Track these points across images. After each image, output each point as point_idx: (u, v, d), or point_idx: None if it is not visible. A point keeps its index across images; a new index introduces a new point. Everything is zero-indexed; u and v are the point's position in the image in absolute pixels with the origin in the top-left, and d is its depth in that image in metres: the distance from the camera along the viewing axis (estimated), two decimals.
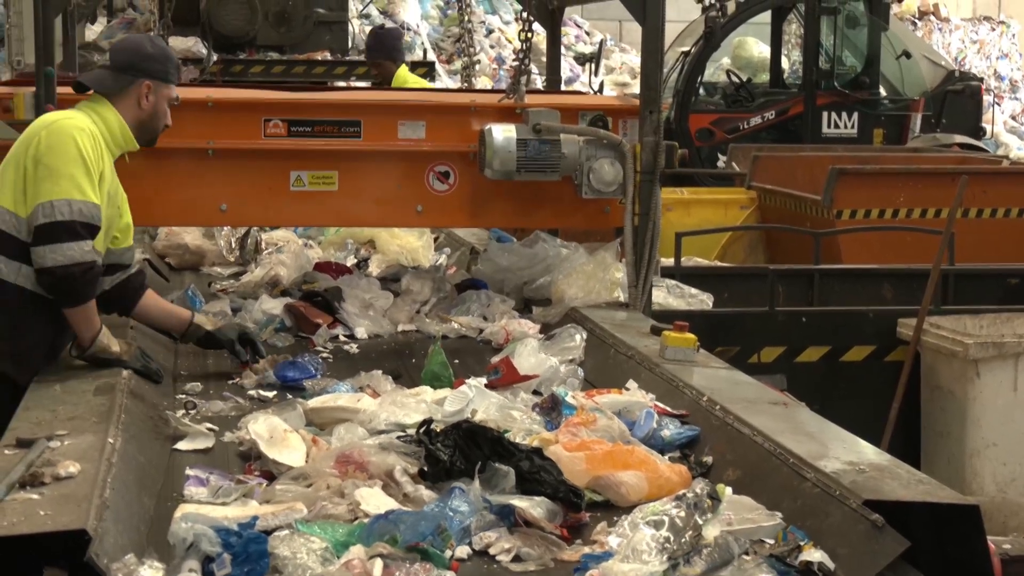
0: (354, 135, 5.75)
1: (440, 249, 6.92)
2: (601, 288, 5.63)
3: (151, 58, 4.60)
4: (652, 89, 5.76)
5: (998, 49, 29.82)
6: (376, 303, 5.73)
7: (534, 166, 5.70)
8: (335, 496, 3.39)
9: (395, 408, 4.07)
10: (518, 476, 3.46)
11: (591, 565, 3.03)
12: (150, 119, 4.62)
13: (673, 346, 4.68)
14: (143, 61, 4.58)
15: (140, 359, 4.55)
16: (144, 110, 4.59)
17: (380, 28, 10.34)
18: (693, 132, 14.67)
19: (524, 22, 6.05)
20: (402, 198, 5.85)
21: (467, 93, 6.78)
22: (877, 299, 7.99)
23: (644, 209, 5.69)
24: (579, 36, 23.59)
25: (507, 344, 5.03)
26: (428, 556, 3.04)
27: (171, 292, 5.79)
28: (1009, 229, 10.50)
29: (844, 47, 15.80)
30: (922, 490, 3.32)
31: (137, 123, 4.58)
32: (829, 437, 3.80)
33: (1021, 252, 9.97)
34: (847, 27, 15.69)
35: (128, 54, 4.62)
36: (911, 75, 15.92)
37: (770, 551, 3.16)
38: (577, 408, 4.10)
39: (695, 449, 4.02)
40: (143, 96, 4.57)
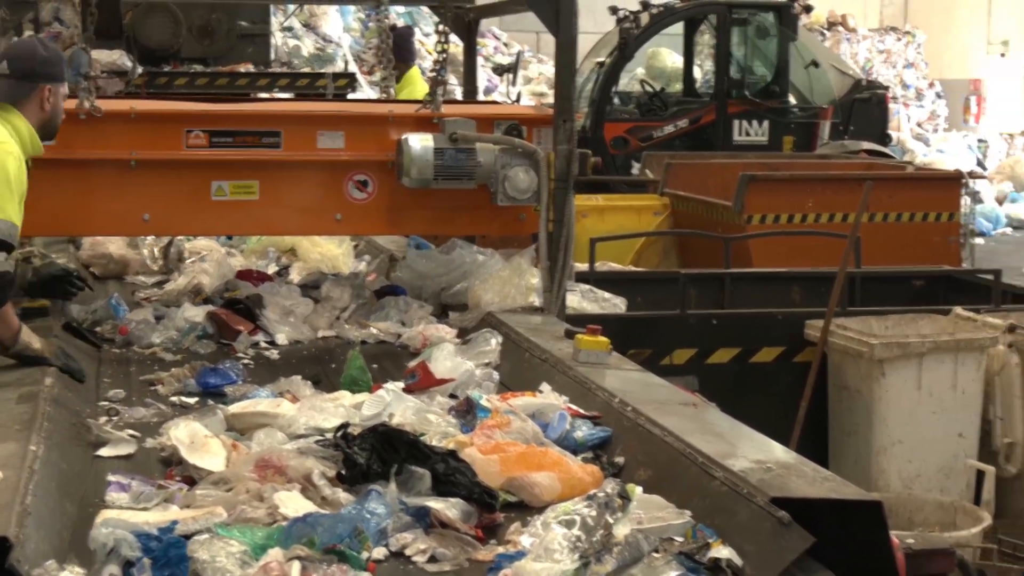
0: (274, 145, 5.74)
1: (360, 256, 6.91)
2: (517, 293, 5.64)
3: (47, 62, 4.74)
4: (565, 99, 5.80)
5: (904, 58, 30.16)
6: (296, 310, 5.72)
7: (451, 174, 5.71)
8: (254, 500, 3.39)
9: (314, 412, 4.07)
10: (434, 478, 3.47)
11: (504, 564, 3.04)
12: (51, 119, 4.76)
13: (586, 349, 4.70)
14: (41, 66, 4.71)
15: (62, 357, 4.60)
16: (46, 112, 4.73)
17: (393, 28, 10.37)
18: (608, 140, 14.74)
19: (441, 34, 6.06)
20: (322, 207, 5.84)
21: (385, 103, 6.77)
22: (786, 301, 8.06)
23: (558, 216, 5.71)
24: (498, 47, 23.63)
25: (424, 349, 5.03)
26: (345, 558, 3.04)
27: (95, 301, 5.75)
28: (913, 233, 10.62)
29: (754, 57, 15.93)
30: (827, 487, 3.36)
31: (40, 125, 4.71)
32: (738, 437, 3.83)
33: (925, 255, 10.10)
34: (757, 38, 15.83)
35: (25, 61, 4.72)
36: (820, 84, 16.08)
37: (679, 549, 3.17)
38: (492, 411, 4.10)
39: (607, 450, 4.04)
40: (45, 99, 4.71)
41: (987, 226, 20.62)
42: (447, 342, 5.08)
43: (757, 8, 15.88)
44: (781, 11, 15.69)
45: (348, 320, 5.75)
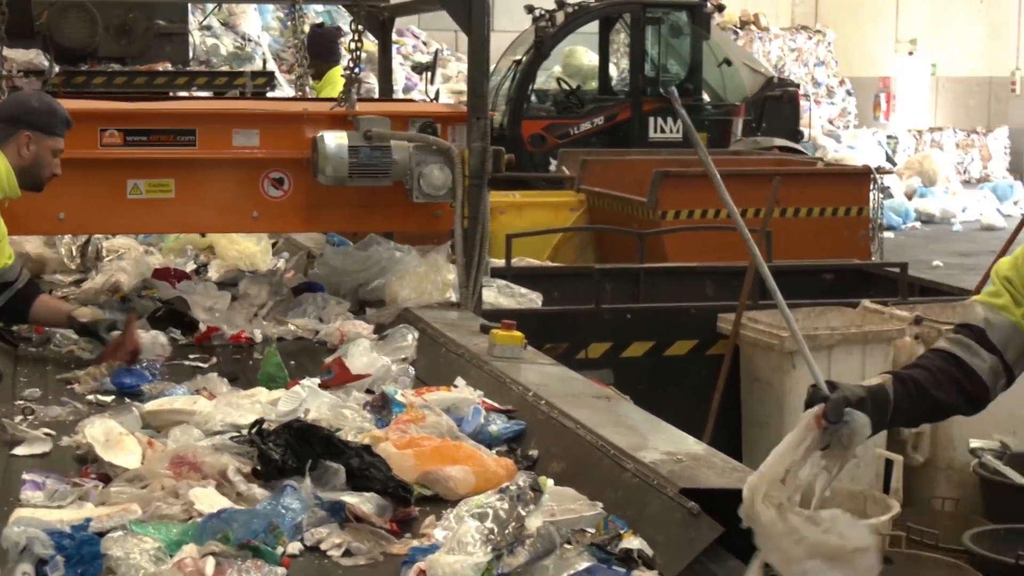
0: (189, 144, 5.70)
1: (278, 254, 6.87)
2: (433, 289, 5.64)
3: (34, 111, 4.92)
4: (479, 96, 5.80)
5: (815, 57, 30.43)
6: (215, 307, 5.68)
7: (366, 172, 5.70)
8: (169, 496, 3.36)
9: (230, 409, 4.04)
10: (348, 473, 3.45)
11: (418, 558, 3.03)
12: (31, 167, 4.90)
13: (501, 344, 4.71)
14: (26, 114, 4.90)
15: None
16: (24, 159, 4.87)
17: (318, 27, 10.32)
18: (526, 138, 14.79)
19: (355, 32, 6.04)
20: (238, 205, 5.81)
21: (300, 102, 6.74)
22: (699, 295, 8.12)
23: (473, 212, 5.71)
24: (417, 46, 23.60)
25: (341, 345, 5.02)
26: (260, 553, 3.02)
27: None
28: (824, 227, 10.74)
29: (668, 55, 16.03)
30: (736, 477, 3.38)
31: (19, 171, 4.84)
32: (650, 429, 3.85)
33: (835, 249, 10.21)
34: (671, 36, 15.93)
35: (12, 107, 4.98)
36: (733, 82, 16.21)
37: (591, 540, 3.18)
38: (407, 406, 4.10)
39: (521, 443, 4.04)
40: (23, 146, 4.84)
41: (896, 220, 20.85)
42: (364, 338, 5.06)
43: (670, 7, 15.98)
44: (694, 10, 15.81)
45: (266, 317, 5.73)
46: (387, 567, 3.12)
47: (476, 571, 2.92)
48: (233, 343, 5.41)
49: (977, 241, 20.02)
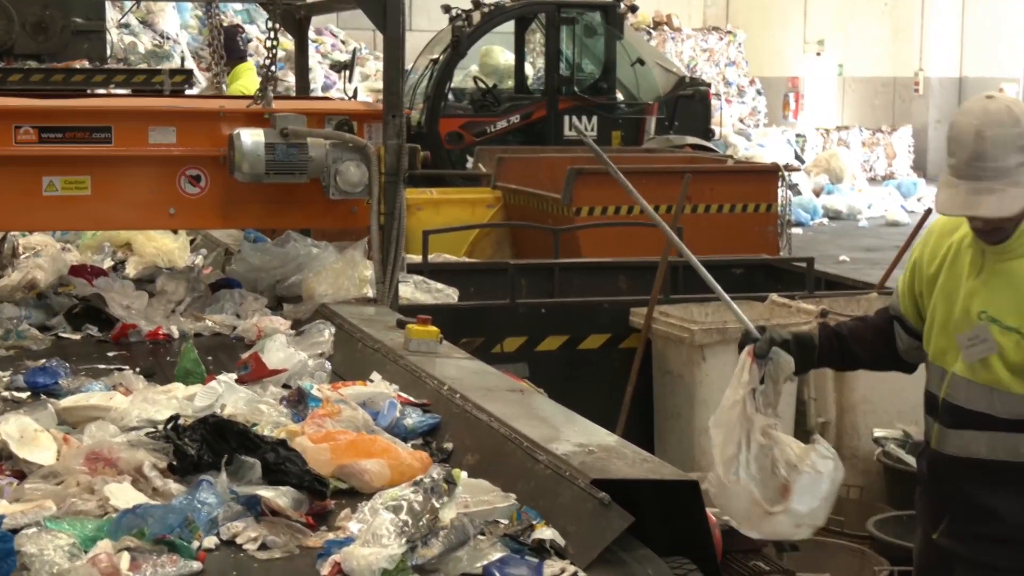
0: (105, 141, 5.62)
1: (196, 250, 6.81)
2: (350, 285, 5.62)
3: None
4: (394, 95, 5.78)
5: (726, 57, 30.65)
6: (133, 304, 5.62)
7: (282, 169, 5.65)
8: (85, 493, 3.32)
9: (146, 405, 4.00)
10: (264, 467, 3.43)
11: (333, 550, 3.02)
12: None
13: (416, 339, 4.70)
14: None
15: None
16: None
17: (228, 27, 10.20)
18: (443, 135, 14.78)
19: (270, 31, 5.99)
20: (155, 201, 5.74)
21: (217, 99, 6.68)
22: (613, 290, 8.14)
23: (389, 209, 5.69)
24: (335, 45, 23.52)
25: (258, 340, 4.98)
26: (175, 548, 3.00)
27: None
28: (734, 223, 10.81)
29: (583, 55, 16.08)
30: (646, 468, 3.40)
31: None
32: (562, 421, 3.85)
33: (745, 244, 10.28)
34: (585, 36, 15.98)
35: None
36: (646, 81, 16.28)
37: (504, 531, 3.18)
38: (323, 400, 4.08)
39: (436, 436, 4.03)
40: None
41: (805, 216, 21.07)
42: (280, 334, 5.02)
43: (585, 8, 16.04)
44: (608, 11, 15.87)
45: (183, 313, 5.67)
46: (303, 560, 3.10)
47: (390, 563, 2.91)
48: (150, 339, 5.35)
49: (882, 236, 20.26)
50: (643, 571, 3.08)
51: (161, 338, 5.36)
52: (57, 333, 5.41)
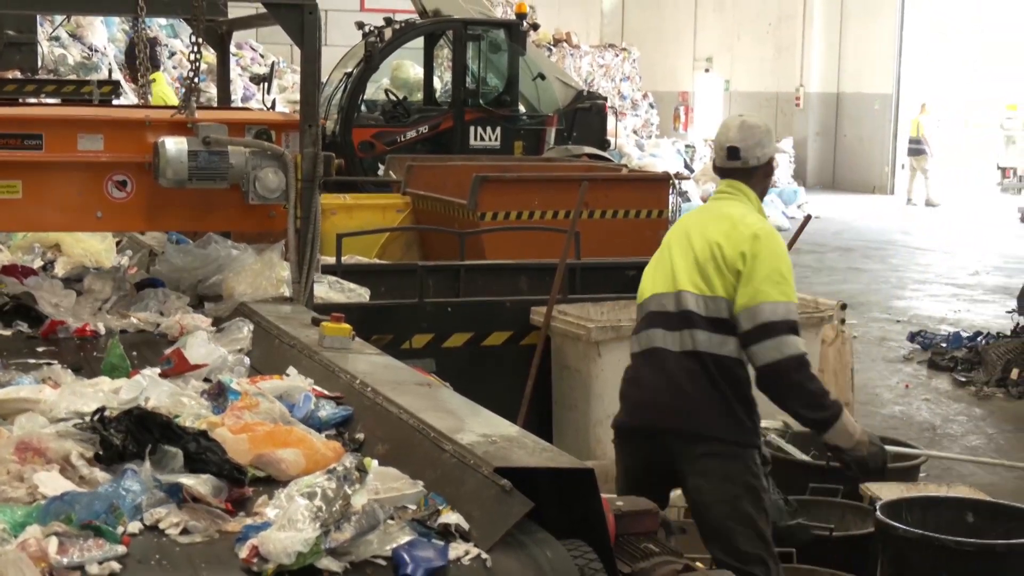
0: (36, 147, 5.54)
1: (122, 251, 6.73)
2: (268, 284, 5.59)
3: None
4: (310, 105, 5.76)
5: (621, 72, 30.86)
6: (61, 302, 5.55)
7: (204, 175, 5.61)
8: (14, 480, 3.27)
9: (74, 398, 3.94)
10: (186, 457, 3.40)
11: (251, 534, 3.01)
12: None
13: (330, 335, 4.69)
14: None
15: None
16: None
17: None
18: (356, 144, 14.75)
19: (194, 44, 5.95)
20: (83, 205, 5.67)
21: (143, 109, 6.61)
22: (515, 290, 8.17)
23: (305, 213, 5.68)
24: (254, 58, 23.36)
25: (181, 337, 4.95)
26: (101, 532, 2.97)
27: None
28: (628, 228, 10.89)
29: (488, 70, 16.12)
30: (545, 457, 3.42)
31: None
32: (467, 413, 3.86)
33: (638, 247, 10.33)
34: (490, 52, 16.03)
35: None
36: (546, 94, 16.36)
37: (412, 516, 3.19)
38: (242, 393, 4.06)
39: (349, 427, 4.03)
40: None
41: None
42: (202, 330, 4.99)
43: (490, 25, 16.10)
44: (511, 28, 15.94)
45: (109, 311, 5.61)
46: (222, 544, 3.09)
47: (305, 546, 2.91)
48: (78, 336, 5.29)
49: None
50: (542, 553, 3.10)
51: (88, 334, 5.30)
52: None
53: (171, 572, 2.94)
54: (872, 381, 11.26)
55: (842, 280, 17.11)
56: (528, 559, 3.09)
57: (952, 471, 8.63)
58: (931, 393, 11.13)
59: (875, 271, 18.16)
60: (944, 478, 8.08)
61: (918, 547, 5.45)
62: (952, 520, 5.79)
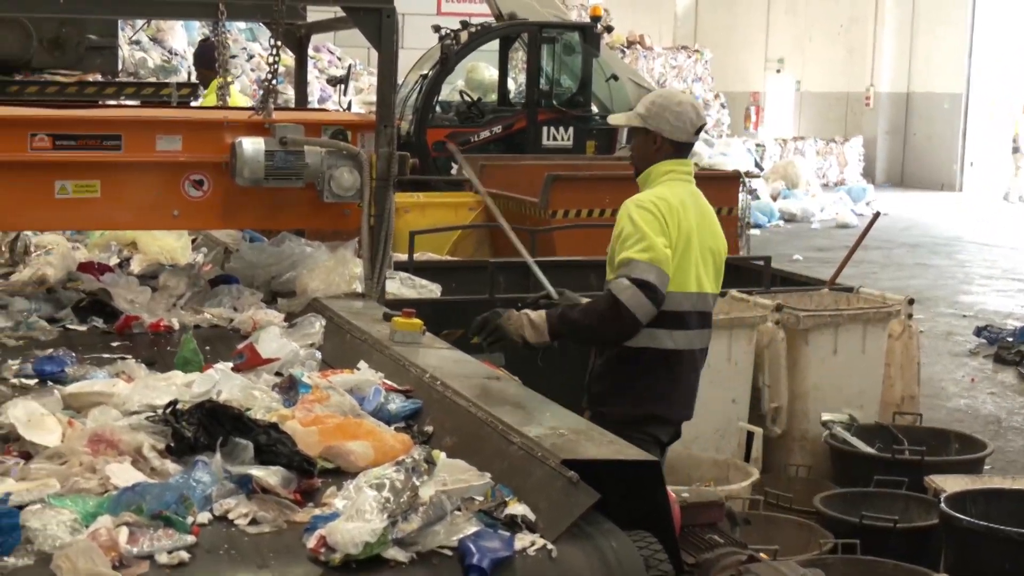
0: (115, 148, 5.57)
1: (197, 249, 6.76)
2: (340, 281, 5.58)
3: None
4: (386, 106, 5.76)
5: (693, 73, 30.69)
6: (136, 299, 5.58)
7: (281, 174, 5.62)
8: (87, 472, 3.27)
9: (147, 391, 3.95)
10: (256, 449, 3.39)
11: (319, 525, 2.99)
12: None
13: (401, 330, 4.67)
14: None
15: None
16: None
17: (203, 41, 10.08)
18: (430, 144, 14.75)
19: (273, 47, 5.96)
20: (160, 204, 5.69)
21: (221, 110, 6.64)
22: (584, 286, 8.09)
23: (379, 211, 5.67)
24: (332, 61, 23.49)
25: (254, 332, 4.94)
26: (171, 522, 2.97)
27: None
28: None
29: (562, 71, 16.08)
30: (612, 449, 3.39)
31: None
32: (535, 407, 3.83)
33: None
34: (564, 54, 15.99)
35: None
36: (619, 95, 16.29)
37: (479, 507, 3.16)
38: (312, 387, 4.05)
39: (418, 420, 4.01)
40: None
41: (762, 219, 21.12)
42: (274, 325, 5.00)
43: (564, 28, 16.06)
44: (586, 31, 15.89)
45: (183, 307, 5.63)
46: (290, 534, 3.07)
47: (372, 536, 2.89)
48: (152, 331, 5.30)
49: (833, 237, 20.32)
50: (607, 544, 3.07)
51: (162, 330, 5.32)
52: (65, 325, 5.35)
53: (239, 562, 2.93)
54: (938, 375, 11.11)
55: (909, 276, 16.90)
56: (593, 550, 3.06)
57: (1017, 463, 8.52)
58: (996, 387, 10.96)
59: (942, 267, 17.92)
60: (1009, 470, 7.96)
61: (982, 539, 5.36)
62: (1016, 512, 5.70)
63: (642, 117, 4.81)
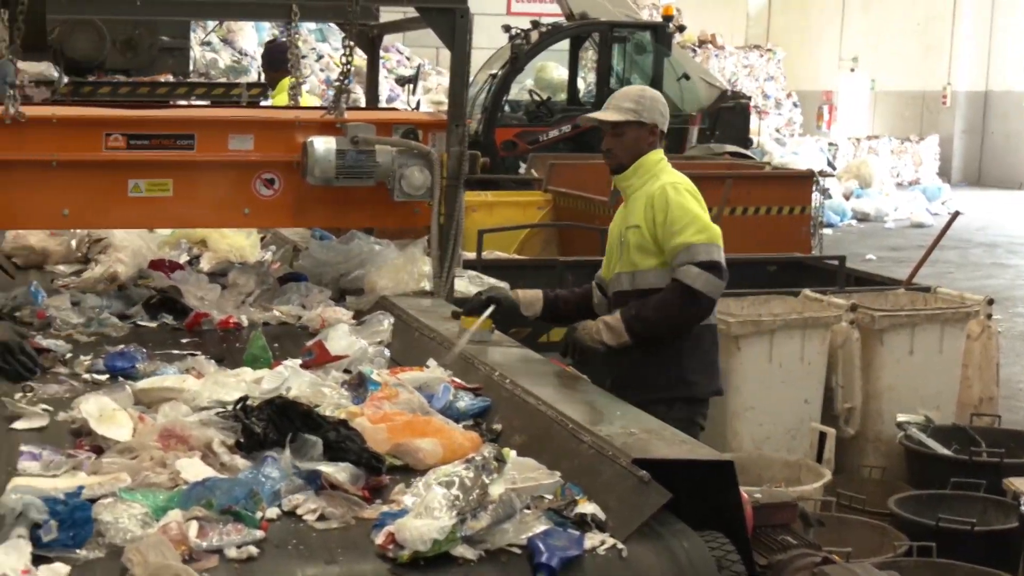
0: (188, 147, 5.61)
1: (266, 247, 6.80)
2: (409, 279, 5.59)
3: None
4: (458, 106, 5.78)
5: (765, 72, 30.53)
6: (206, 296, 5.62)
7: (351, 173, 5.64)
8: (157, 467, 3.30)
9: (217, 387, 3.97)
10: (325, 445, 3.41)
11: (388, 522, 2.99)
12: None
13: (470, 328, 4.67)
14: None
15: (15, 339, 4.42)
16: None
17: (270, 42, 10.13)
18: (499, 143, 14.79)
19: (346, 48, 5.98)
20: (231, 202, 5.72)
21: (293, 110, 6.67)
22: None
23: (449, 210, 5.68)
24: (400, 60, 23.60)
25: (322, 329, 4.96)
26: (240, 517, 2.98)
27: (16, 288, 5.62)
28: (769, 224, 10.75)
29: (632, 70, 16.05)
30: (684, 449, 3.37)
31: None
32: (604, 405, 3.83)
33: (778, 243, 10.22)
34: (635, 54, 15.96)
35: None
36: (690, 94, 16.24)
37: (548, 505, 3.16)
38: (381, 384, 4.05)
39: (487, 418, 4.00)
40: None
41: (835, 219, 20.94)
42: (343, 323, 5.01)
43: (636, 28, 16.03)
44: (657, 30, 15.86)
45: (252, 304, 5.66)
46: (358, 530, 3.08)
47: (441, 533, 2.89)
48: (221, 328, 5.34)
49: (907, 237, 20.11)
50: (679, 544, 3.05)
51: (231, 327, 5.35)
52: (135, 321, 5.40)
53: (307, 557, 2.93)
54: (1017, 376, 10.95)
55: (986, 275, 16.68)
56: (664, 550, 3.03)
57: None
58: None
59: (1020, 266, 17.67)
60: None
61: None
62: None
63: (635, 112, 4.90)
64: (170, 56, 12.63)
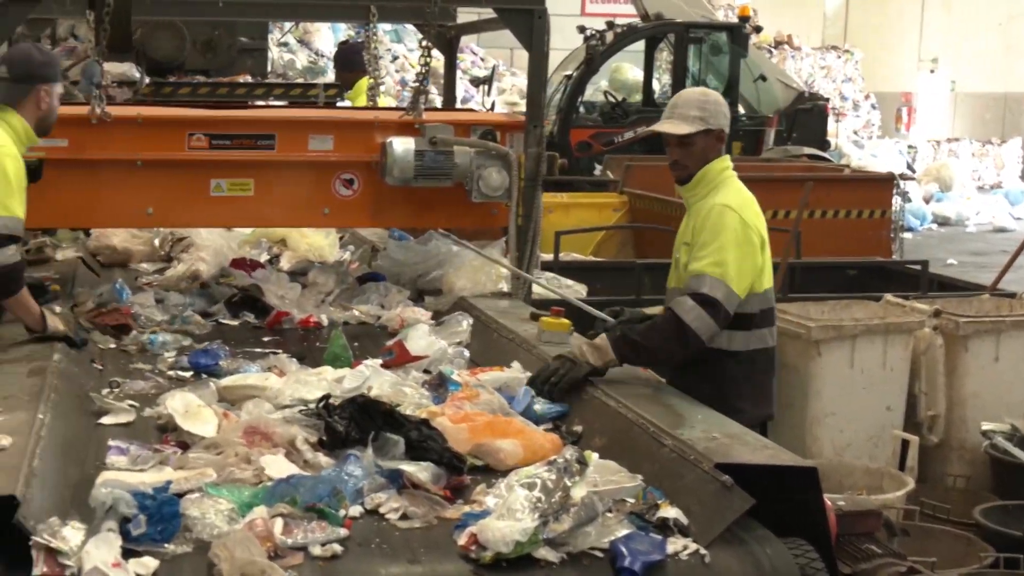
0: (268, 147, 5.68)
1: (344, 247, 6.86)
2: (487, 280, 5.62)
3: (43, 64, 4.71)
4: (536, 107, 5.81)
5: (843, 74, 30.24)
6: (287, 295, 5.67)
7: (430, 174, 5.68)
8: (242, 463, 3.35)
9: (299, 385, 4.03)
10: (407, 444, 3.44)
11: (470, 522, 3.01)
12: (47, 116, 4.71)
13: (549, 330, 4.68)
14: (38, 69, 4.67)
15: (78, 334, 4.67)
16: (43, 110, 4.68)
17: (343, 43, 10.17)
18: (574, 145, 14.76)
19: (424, 48, 6.02)
20: (311, 202, 5.79)
21: (372, 110, 6.73)
22: None
23: (527, 211, 5.70)
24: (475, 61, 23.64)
25: (401, 329, 4.99)
26: (324, 515, 3.02)
27: (101, 285, 5.71)
28: (849, 227, 10.65)
29: (708, 71, 15.95)
30: (767, 454, 3.35)
31: (37, 122, 4.67)
32: (686, 409, 3.81)
33: (859, 247, 10.12)
34: (711, 54, 15.86)
35: (23, 65, 4.66)
36: (766, 95, 16.12)
37: (631, 509, 3.17)
38: (462, 384, 4.08)
39: (567, 420, 4.02)
40: (41, 99, 4.65)
41: (915, 222, 20.70)
42: (422, 323, 5.04)
43: (712, 28, 15.94)
44: (733, 31, 15.75)
45: (332, 303, 5.72)
46: (440, 530, 3.11)
47: (524, 535, 2.90)
48: (302, 327, 5.40)
49: (989, 241, 19.84)
50: (762, 551, 3.05)
51: (312, 325, 5.41)
52: (218, 319, 5.48)
53: (390, 556, 2.96)
54: None
55: None
56: (748, 556, 3.03)
57: None
58: None
59: None
60: None
61: None
62: None
63: (703, 120, 4.57)
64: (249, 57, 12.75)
